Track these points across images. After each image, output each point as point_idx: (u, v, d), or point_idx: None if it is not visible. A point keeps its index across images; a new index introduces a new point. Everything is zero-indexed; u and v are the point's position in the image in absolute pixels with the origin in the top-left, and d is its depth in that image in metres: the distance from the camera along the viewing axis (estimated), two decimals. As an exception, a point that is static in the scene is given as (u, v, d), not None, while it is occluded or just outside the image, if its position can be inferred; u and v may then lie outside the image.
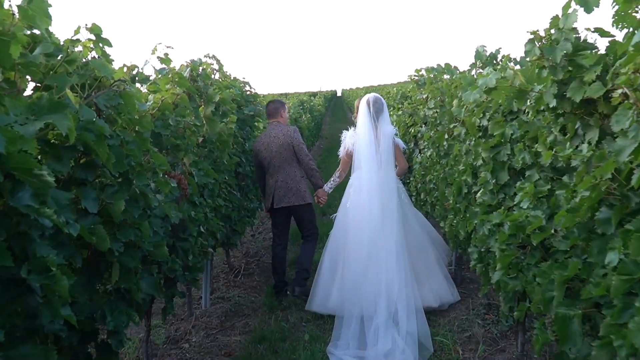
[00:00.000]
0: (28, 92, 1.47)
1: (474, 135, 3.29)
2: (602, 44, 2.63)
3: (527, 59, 2.02)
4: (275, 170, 4.22)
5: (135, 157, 1.72)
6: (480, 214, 2.78)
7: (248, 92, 4.79)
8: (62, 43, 1.55)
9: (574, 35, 1.94)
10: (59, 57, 1.40)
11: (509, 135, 2.77)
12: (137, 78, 2.41)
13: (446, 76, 4.47)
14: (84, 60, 1.52)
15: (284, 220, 4.36)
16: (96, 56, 1.59)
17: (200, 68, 2.84)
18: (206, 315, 3.92)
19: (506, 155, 2.77)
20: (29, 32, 1.34)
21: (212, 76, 3.49)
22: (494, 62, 3.87)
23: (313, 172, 4.26)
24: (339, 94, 71.24)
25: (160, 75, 2.49)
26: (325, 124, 24.43)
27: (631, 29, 1.59)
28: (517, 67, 3.48)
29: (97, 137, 1.41)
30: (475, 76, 3.51)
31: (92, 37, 1.66)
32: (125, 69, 2.41)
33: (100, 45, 1.65)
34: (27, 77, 1.32)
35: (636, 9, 1.56)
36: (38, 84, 1.42)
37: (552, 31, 2.02)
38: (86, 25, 1.64)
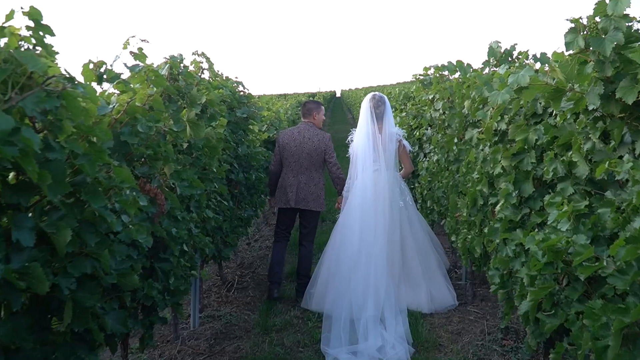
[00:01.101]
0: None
1: (490, 140, 2.95)
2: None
3: (568, 52, 1.68)
4: (301, 171, 4.21)
5: (87, 173, 1.37)
6: (501, 231, 2.44)
7: (241, 93, 4.44)
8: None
9: (626, 24, 1.61)
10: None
11: (533, 141, 2.43)
12: (105, 76, 2.07)
13: (457, 74, 4.12)
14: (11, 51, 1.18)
15: (292, 219, 4.38)
16: (30, 47, 1.25)
17: (182, 65, 2.49)
18: (194, 337, 3.58)
19: (530, 164, 2.43)
20: None
21: (201, 75, 3.14)
22: (510, 59, 3.54)
23: (340, 180, 4.27)
24: (338, 94, 70.83)
25: (133, 73, 2.14)
26: (325, 125, 24.08)
27: None
28: (538, 64, 3.15)
29: (21, 152, 1.07)
30: (490, 74, 3.17)
31: (31, 23, 1.31)
32: (91, 66, 2.08)
33: (41, 33, 1.31)
34: None
35: None
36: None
37: (598, 19, 1.68)
38: (22, 8, 1.29)
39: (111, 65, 2.10)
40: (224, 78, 4.38)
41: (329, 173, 4.32)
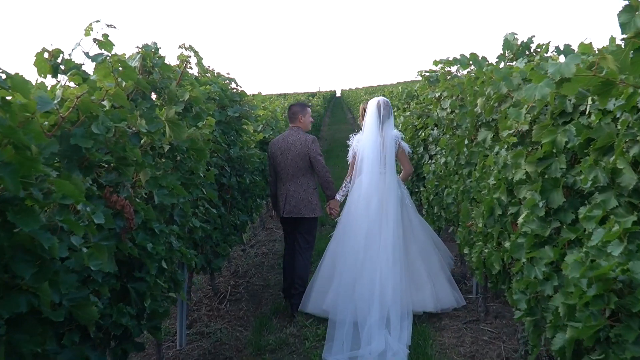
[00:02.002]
0: None
1: (507, 142, 2.63)
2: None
3: (624, 36, 1.36)
4: (288, 178, 4.08)
5: (8, 188, 1.05)
6: (526, 248, 2.12)
7: (234, 90, 4.11)
8: None
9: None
10: None
11: (562, 144, 2.11)
12: (62, 67, 1.75)
13: (466, 71, 3.79)
14: None
15: (295, 229, 4.20)
16: None
17: (157, 56, 2.15)
18: (180, 358, 3.26)
19: (559, 170, 2.11)
20: None
21: (185, 69, 2.81)
22: (527, 52, 3.23)
23: (329, 184, 4.10)
24: (338, 94, 70.42)
25: (96, 65, 1.82)
26: (325, 125, 23.77)
27: None
28: (562, 57, 2.84)
29: None
30: (508, 69, 2.85)
31: None
32: (46, 55, 1.76)
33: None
34: None
35: None
36: None
37: (659, -6, 1.36)
38: None
39: (69, 55, 1.78)
40: (215, 74, 4.06)
41: (317, 176, 4.14)
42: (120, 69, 1.83)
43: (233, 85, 4.17)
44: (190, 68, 3.38)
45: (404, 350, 3.14)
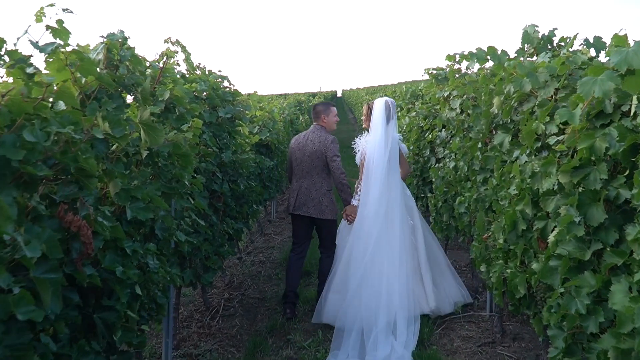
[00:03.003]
0: None
1: (531, 147, 2.32)
2: None
3: None
4: (303, 175, 4.05)
5: None
6: (562, 273, 1.80)
7: (226, 89, 3.80)
8: None
9: None
10: None
11: (602, 150, 1.79)
12: (5, 59, 1.44)
13: (476, 67, 3.47)
14: None
15: (304, 228, 4.10)
16: None
17: (125, 48, 1.82)
18: (164, 385, 2.95)
19: (600, 182, 1.80)
20: None
21: (166, 64, 2.50)
22: (549, 46, 2.92)
23: (344, 187, 4.00)
24: (339, 94, 70.13)
25: (48, 56, 1.50)
26: (326, 125, 23.40)
27: None
28: (592, 50, 2.52)
29: None
30: (532, 64, 2.53)
31: None
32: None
33: None
34: None
35: None
36: None
37: None
38: None
39: (15, 45, 1.47)
40: (207, 72, 3.75)
41: (332, 178, 4.06)
42: (78, 62, 1.52)
43: (226, 83, 3.86)
44: (178, 65, 3.07)
45: (408, 356, 3.11)
